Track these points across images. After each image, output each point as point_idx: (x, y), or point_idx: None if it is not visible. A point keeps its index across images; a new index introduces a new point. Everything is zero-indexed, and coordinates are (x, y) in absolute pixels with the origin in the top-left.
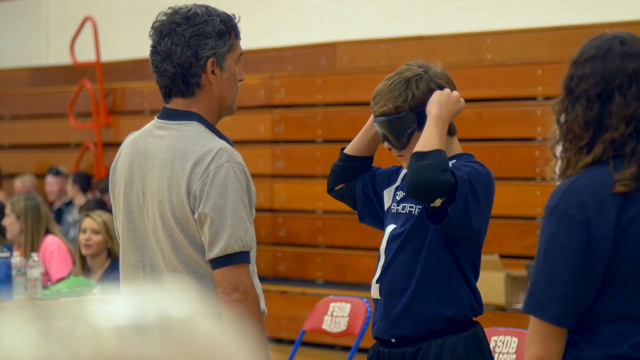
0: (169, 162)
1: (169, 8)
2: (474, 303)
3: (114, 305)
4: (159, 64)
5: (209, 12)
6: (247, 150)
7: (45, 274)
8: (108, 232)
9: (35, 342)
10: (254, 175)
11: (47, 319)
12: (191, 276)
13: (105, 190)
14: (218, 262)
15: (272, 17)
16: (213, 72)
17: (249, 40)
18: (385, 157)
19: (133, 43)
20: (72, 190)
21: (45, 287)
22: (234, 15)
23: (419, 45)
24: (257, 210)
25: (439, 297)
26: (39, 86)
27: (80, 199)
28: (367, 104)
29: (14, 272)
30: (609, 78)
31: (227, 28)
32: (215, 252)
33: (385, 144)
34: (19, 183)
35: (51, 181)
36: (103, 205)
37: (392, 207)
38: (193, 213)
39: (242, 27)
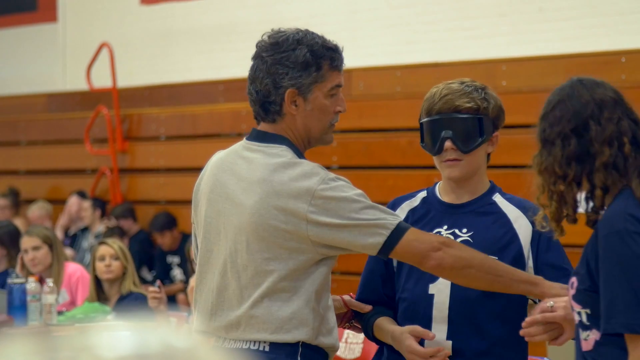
0: (258, 184)
1: (272, 29)
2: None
3: (117, 336)
4: (248, 86)
5: (301, 40)
6: None
7: (72, 302)
8: (125, 257)
9: None
10: None
11: (51, 350)
12: (266, 298)
13: (120, 216)
14: (387, 247)
15: None
16: (295, 102)
17: None
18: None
19: (149, 69)
20: (91, 215)
21: (60, 313)
22: (336, 46)
23: (434, 72)
24: None
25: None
26: (56, 112)
27: (96, 225)
28: (382, 130)
29: (28, 298)
30: (580, 110)
31: (315, 59)
32: (372, 242)
33: (447, 144)
34: (34, 210)
35: (75, 201)
36: (122, 232)
37: None
38: (287, 234)
39: None
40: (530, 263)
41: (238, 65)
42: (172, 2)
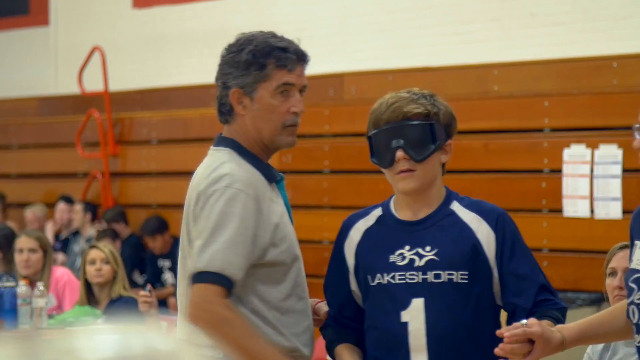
0: (190, 188)
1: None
2: None
3: (100, 338)
4: None
5: (249, 40)
6: None
7: (58, 306)
8: (116, 261)
9: None
10: None
11: (34, 353)
12: None
13: (112, 220)
14: (192, 279)
15: None
16: (242, 103)
17: None
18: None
19: (141, 73)
20: (82, 219)
21: (50, 316)
22: (286, 45)
23: (426, 76)
24: None
25: None
26: (47, 116)
27: (87, 229)
28: None
29: (19, 302)
30: None
31: (257, 58)
32: (189, 268)
33: (399, 153)
34: (29, 213)
35: (63, 208)
36: (115, 234)
37: (407, 275)
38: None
39: None
40: (495, 274)
41: None
42: (164, 6)
